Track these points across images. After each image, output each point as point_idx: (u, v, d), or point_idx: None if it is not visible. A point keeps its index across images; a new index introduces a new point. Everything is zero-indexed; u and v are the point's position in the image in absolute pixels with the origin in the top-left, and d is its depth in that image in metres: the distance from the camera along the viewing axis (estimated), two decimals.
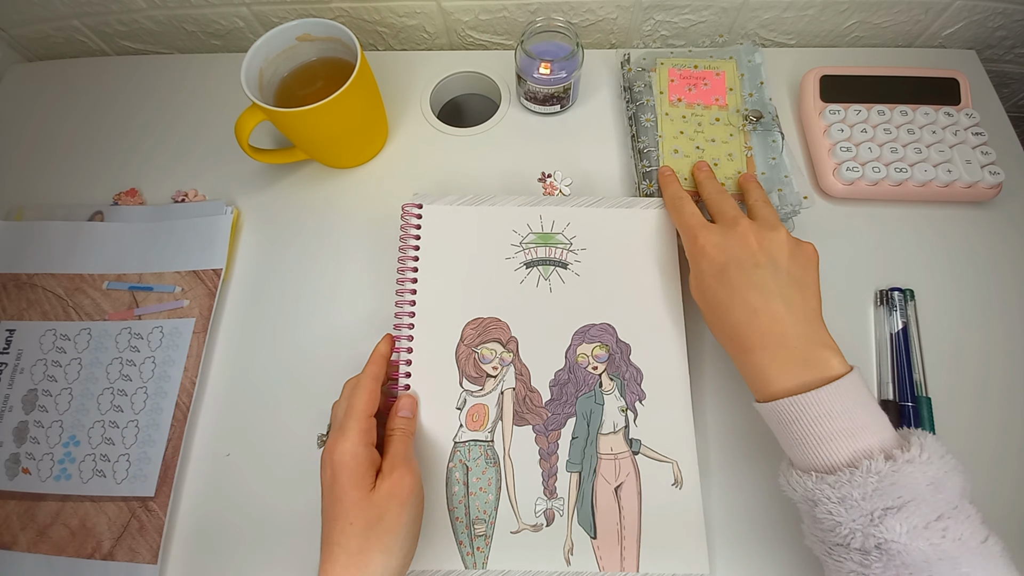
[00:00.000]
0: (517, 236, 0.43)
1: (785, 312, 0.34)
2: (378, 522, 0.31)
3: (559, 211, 0.43)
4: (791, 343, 0.33)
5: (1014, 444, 0.40)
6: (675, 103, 0.48)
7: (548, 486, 0.38)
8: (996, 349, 0.43)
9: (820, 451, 0.30)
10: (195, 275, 0.46)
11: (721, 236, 0.37)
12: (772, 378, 0.33)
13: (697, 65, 0.50)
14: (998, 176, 0.46)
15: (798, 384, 0.32)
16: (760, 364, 0.33)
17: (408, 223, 0.42)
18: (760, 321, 0.34)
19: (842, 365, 0.32)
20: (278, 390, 0.43)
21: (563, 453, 0.38)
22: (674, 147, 0.47)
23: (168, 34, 0.59)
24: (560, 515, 0.37)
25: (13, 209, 0.50)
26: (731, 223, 0.38)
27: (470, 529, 0.37)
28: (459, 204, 0.43)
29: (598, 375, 0.40)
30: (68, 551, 0.39)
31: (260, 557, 0.38)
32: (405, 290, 0.41)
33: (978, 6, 0.53)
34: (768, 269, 0.35)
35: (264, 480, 0.41)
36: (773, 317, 0.34)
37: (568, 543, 0.37)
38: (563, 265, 0.42)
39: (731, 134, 0.47)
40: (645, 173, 0.47)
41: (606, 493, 0.38)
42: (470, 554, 0.36)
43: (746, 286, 0.35)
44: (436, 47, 0.60)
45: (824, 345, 0.33)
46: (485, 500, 0.37)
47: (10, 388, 0.43)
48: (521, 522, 0.37)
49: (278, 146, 0.52)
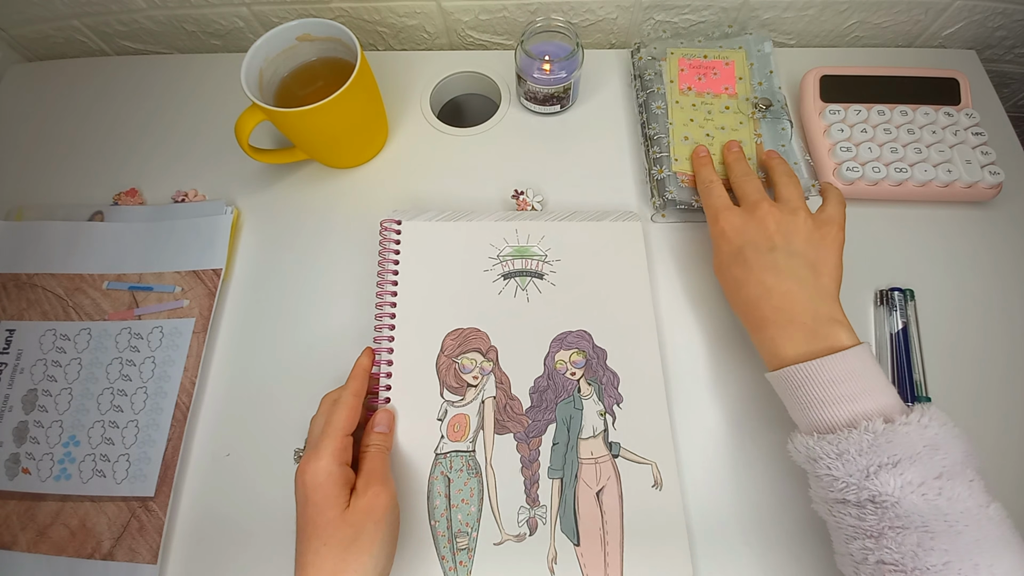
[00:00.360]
0: (494, 249, 0.45)
1: (798, 290, 0.35)
2: (353, 542, 0.30)
3: (534, 225, 0.45)
4: (801, 318, 0.35)
5: (1014, 444, 0.40)
6: (685, 91, 0.50)
7: (530, 494, 0.38)
8: (996, 349, 0.43)
9: (823, 413, 0.32)
10: (195, 275, 0.46)
11: (741, 219, 0.39)
12: (781, 348, 0.35)
13: (707, 55, 0.51)
14: (998, 176, 0.46)
15: (806, 352, 0.34)
16: (772, 337, 0.35)
17: (387, 238, 0.44)
18: (773, 299, 0.36)
19: (851, 339, 0.34)
20: (278, 390, 0.43)
21: (544, 460, 0.39)
22: (684, 134, 0.48)
23: (168, 34, 0.59)
24: (543, 523, 0.37)
25: (13, 209, 0.50)
26: (753, 206, 0.39)
27: (452, 543, 0.37)
28: (438, 220, 0.45)
29: (576, 380, 0.41)
30: (68, 551, 0.39)
31: (260, 557, 0.38)
32: (384, 303, 0.42)
33: (978, 6, 0.53)
34: (782, 251, 0.37)
35: (264, 480, 0.41)
36: (784, 296, 0.35)
37: (552, 551, 0.37)
38: (539, 276, 0.44)
39: (740, 122, 0.48)
40: (655, 159, 0.48)
41: (588, 498, 0.38)
42: (452, 569, 0.36)
43: (761, 267, 0.37)
44: (436, 47, 0.60)
45: (834, 320, 0.34)
46: (467, 512, 0.37)
47: (10, 388, 0.43)
48: (504, 532, 0.37)
49: (278, 146, 0.52)
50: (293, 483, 0.33)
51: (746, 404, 0.41)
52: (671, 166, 0.47)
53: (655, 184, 0.48)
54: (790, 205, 0.39)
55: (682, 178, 0.46)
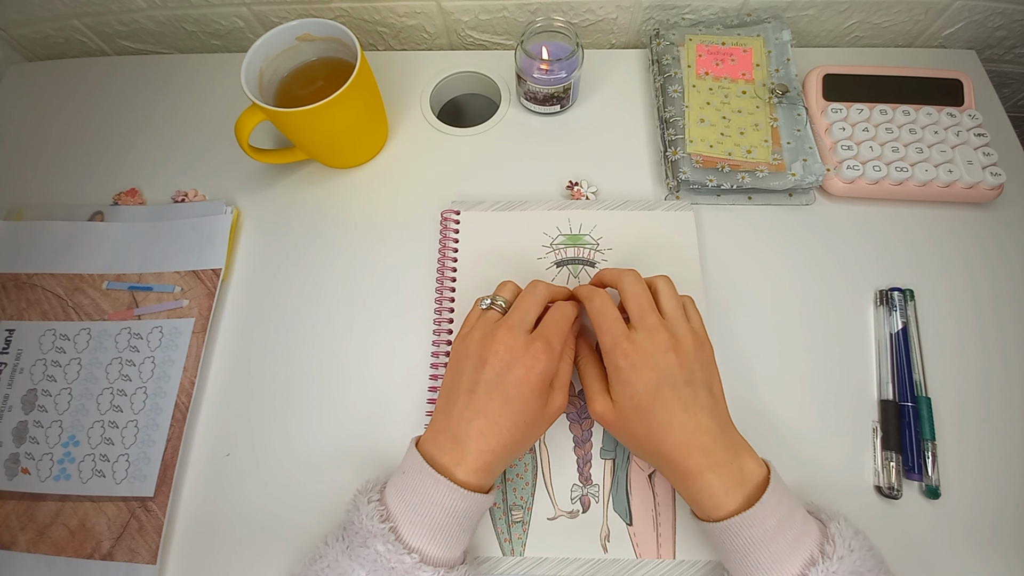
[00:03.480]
0: (548, 238, 0.46)
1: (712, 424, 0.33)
2: (527, 432, 0.33)
3: (586, 214, 0.46)
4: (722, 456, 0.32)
5: (1014, 444, 0.40)
6: (702, 76, 0.51)
7: (583, 473, 0.39)
8: (996, 349, 0.43)
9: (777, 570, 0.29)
10: (195, 275, 0.46)
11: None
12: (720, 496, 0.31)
13: (725, 42, 0.52)
14: (999, 177, 0.46)
15: (743, 498, 0.31)
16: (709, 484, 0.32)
17: (447, 227, 0.46)
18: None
19: (759, 463, 0.32)
20: (277, 389, 0.43)
21: (596, 441, 0.40)
22: (700, 116, 0.49)
23: (168, 34, 0.59)
24: (596, 501, 0.38)
25: (13, 209, 0.50)
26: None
27: (507, 516, 0.38)
28: (494, 210, 0.47)
29: None
30: (67, 551, 0.39)
31: (260, 557, 0.38)
32: (444, 288, 0.44)
33: (978, 6, 0.53)
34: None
35: (264, 480, 0.40)
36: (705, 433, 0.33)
37: (604, 530, 0.37)
38: (591, 264, 0.45)
39: (757, 106, 0.49)
40: (671, 141, 0.49)
41: (640, 480, 0.39)
42: (507, 540, 0.37)
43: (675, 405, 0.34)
44: (436, 47, 0.60)
45: (743, 447, 0.33)
46: (522, 486, 0.38)
47: (9, 388, 0.43)
48: (558, 508, 0.38)
49: (278, 146, 0.52)
50: (297, 481, 0.33)
51: None
52: (686, 147, 0.48)
53: (669, 165, 0.48)
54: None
55: (696, 159, 0.47)
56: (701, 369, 0.34)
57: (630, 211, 0.46)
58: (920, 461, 0.39)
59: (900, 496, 0.38)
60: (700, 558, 0.36)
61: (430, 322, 0.44)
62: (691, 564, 0.36)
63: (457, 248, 0.45)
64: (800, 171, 0.46)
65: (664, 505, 0.38)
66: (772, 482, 0.31)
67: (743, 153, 0.47)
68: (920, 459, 0.39)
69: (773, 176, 0.47)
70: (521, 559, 0.37)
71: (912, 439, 0.39)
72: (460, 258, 0.45)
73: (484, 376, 0.33)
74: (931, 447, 0.39)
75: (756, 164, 0.47)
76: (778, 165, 0.47)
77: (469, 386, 0.33)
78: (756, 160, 0.47)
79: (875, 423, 0.41)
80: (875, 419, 0.41)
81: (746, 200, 0.48)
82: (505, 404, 0.32)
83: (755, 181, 0.46)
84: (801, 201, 0.48)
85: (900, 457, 0.39)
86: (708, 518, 0.32)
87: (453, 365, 0.35)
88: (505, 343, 0.33)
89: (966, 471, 0.39)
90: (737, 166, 0.47)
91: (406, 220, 0.49)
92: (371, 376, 0.43)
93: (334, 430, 0.41)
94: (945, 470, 0.39)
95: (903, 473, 0.39)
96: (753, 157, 0.47)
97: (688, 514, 0.36)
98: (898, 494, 0.38)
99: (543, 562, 0.36)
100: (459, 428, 0.32)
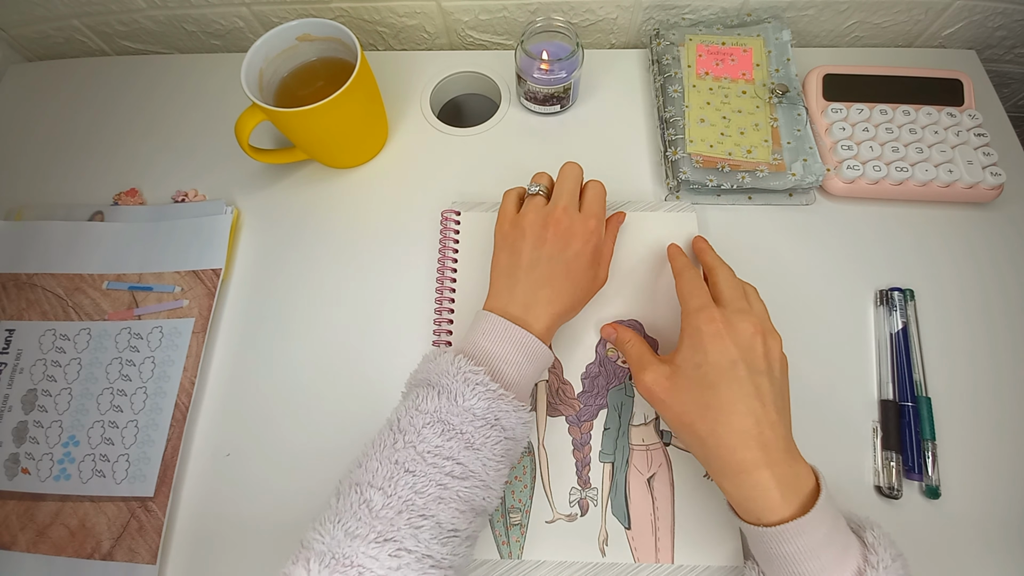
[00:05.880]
0: None
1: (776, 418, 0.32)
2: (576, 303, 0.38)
3: None
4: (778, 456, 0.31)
5: (1014, 443, 0.40)
6: (702, 76, 0.51)
7: (582, 476, 0.39)
8: (996, 349, 0.43)
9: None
10: (195, 275, 0.46)
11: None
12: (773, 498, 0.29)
13: (725, 42, 0.52)
14: (999, 177, 0.46)
15: (797, 504, 0.29)
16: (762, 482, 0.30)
17: (448, 227, 0.46)
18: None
19: (809, 472, 0.31)
20: (277, 389, 0.43)
21: (596, 444, 0.39)
22: (700, 116, 0.49)
23: (168, 34, 0.59)
24: (594, 505, 0.38)
25: (13, 209, 0.50)
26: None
27: (505, 518, 0.38)
28: (494, 210, 0.47)
29: (627, 368, 0.41)
30: (67, 551, 0.39)
31: (260, 557, 0.38)
32: (444, 287, 0.44)
33: (978, 6, 0.53)
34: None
35: (264, 480, 0.40)
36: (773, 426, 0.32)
37: (603, 533, 0.37)
38: None
39: (757, 106, 0.49)
40: (671, 141, 0.49)
41: (639, 484, 0.38)
42: (505, 543, 0.37)
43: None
44: (436, 47, 0.60)
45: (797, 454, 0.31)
46: (520, 489, 0.38)
47: (9, 388, 0.43)
48: (556, 512, 0.38)
49: (278, 146, 0.52)
50: (297, 480, 0.33)
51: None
52: (686, 147, 0.48)
53: (669, 165, 0.48)
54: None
55: (696, 159, 0.47)
56: (780, 373, 0.33)
57: (632, 211, 0.46)
58: (920, 461, 0.39)
59: (900, 496, 0.38)
60: (699, 563, 0.36)
61: (430, 322, 0.44)
62: (690, 569, 0.36)
63: (457, 248, 0.46)
64: (800, 171, 0.46)
65: (663, 509, 0.38)
66: (824, 489, 0.30)
67: (743, 153, 0.48)
68: (920, 459, 0.39)
69: (773, 176, 0.47)
70: (519, 562, 0.37)
71: (912, 439, 0.39)
72: (460, 258, 0.45)
73: (545, 252, 0.37)
74: (931, 447, 0.39)
75: (756, 164, 0.47)
76: (778, 165, 0.47)
77: (531, 262, 0.37)
78: (756, 160, 0.47)
79: (875, 423, 0.41)
80: (875, 419, 0.41)
81: (746, 200, 0.48)
82: (567, 276, 0.36)
83: (755, 181, 0.46)
84: (801, 201, 0.48)
85: (900, 457, 0.39)
86: (758, 521, 0.29)
87: (509, 246, 0.38)
88: (562, 222, 0.37)
89: (966, 471, 0.39)
90: (737, 166, 0.47)
91: (406, 220, 0.49)
92: (371, 376, 0.43)
93: (334, 430, 0.41)
94: (945, 470, 0.39)
95: (903, 473, 0.39)
96: (753, 157, 0.47)
97: (687, 519, 0.36)
98: (898, 494, 0.38)
99: (541, 565, 0.36)
100: (527, 298, 0.36)
